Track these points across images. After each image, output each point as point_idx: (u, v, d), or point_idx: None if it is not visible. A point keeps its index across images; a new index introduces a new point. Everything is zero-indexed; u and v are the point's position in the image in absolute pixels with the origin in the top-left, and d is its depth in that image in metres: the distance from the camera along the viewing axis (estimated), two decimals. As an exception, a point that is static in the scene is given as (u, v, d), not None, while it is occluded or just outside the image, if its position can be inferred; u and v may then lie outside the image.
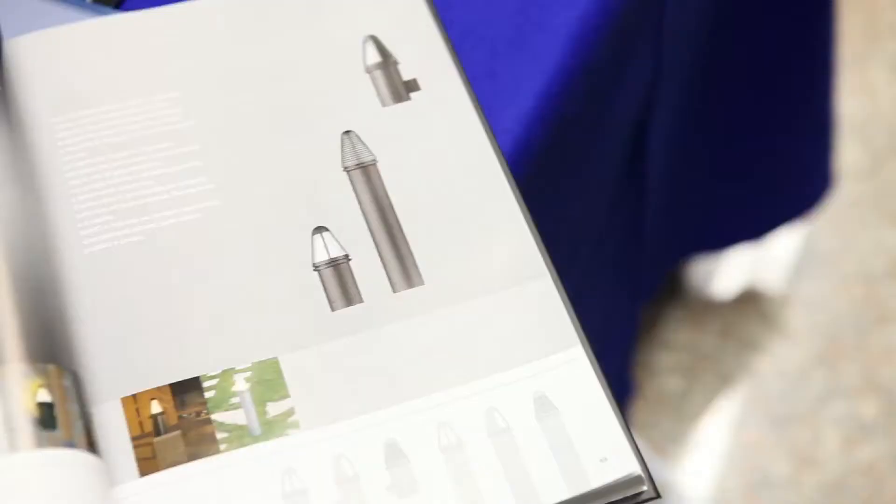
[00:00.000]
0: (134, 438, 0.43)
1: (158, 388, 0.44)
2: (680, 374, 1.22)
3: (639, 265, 0.92)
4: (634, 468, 0.43)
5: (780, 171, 1.05)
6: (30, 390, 0.40)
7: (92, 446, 0.41)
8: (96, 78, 0.51)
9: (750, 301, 1.25)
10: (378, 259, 0.48)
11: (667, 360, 1.23)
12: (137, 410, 0.44)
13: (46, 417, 0.40)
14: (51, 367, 0.41)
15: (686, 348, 1.24)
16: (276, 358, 0.45)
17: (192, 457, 0.43)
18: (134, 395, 0.44)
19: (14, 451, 0.39)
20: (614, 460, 0.43)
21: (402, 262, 0.48)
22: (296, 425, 0.44)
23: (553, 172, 0.57)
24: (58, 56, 0.52)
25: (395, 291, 0.47)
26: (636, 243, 0.86)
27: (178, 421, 0.44)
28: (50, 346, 0.42)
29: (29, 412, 0.40)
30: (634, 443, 0.44)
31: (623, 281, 0.88)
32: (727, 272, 1.21)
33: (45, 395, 0.40)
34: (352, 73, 0.52)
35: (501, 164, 0.50)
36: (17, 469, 0.39)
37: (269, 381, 0.45)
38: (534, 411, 0.44)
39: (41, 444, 0.39)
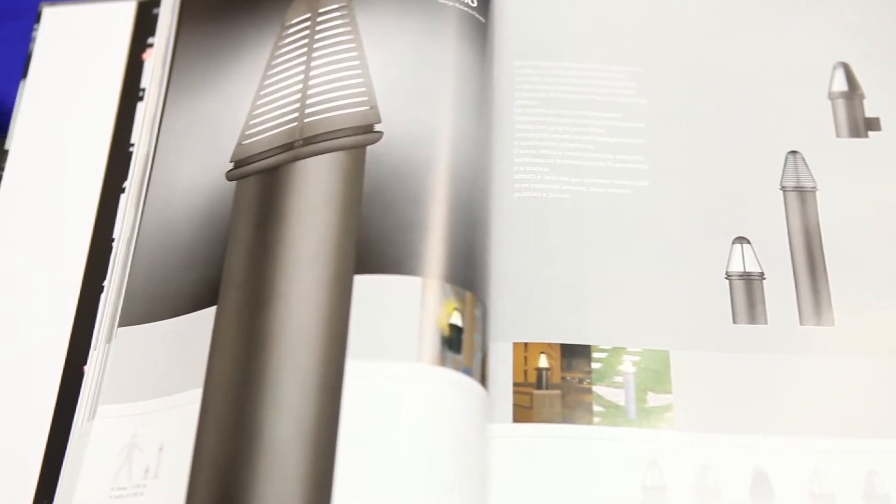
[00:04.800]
0: (516, 384, 0.44)
1: (550, 345, 0.45)
2: None
3: None
4: None
5: None
6: (446, 310, 0.42)
7: (483, 379, 0.42)
8: (567, 33, 0.52)
9: None
10: (793, 287, 0.47)
11: None
12: (525, 359, 0.45)
13: (454, 339, 0.42)
14: (468, 294, 0.43)
15: None
16: (667, 351, 0.45)
17: (566, 419, 0.44)
18: (526, 344, 0.45)
19: (419, 360, 0.41)
20: None
21: (816, 297, 0.46)
22: (670, 422, 0.44)
23: None
24: (537, 3, 0.53)
25: (801, 324, 0.46)
26: None
27: (561, 381, 0.44)
28: (470, 275, 0.43)
29: (441, 329, 0.41)
30: None
31: None
32: None
33: (457, 319, 0.42)
34: (813, 94, 0.51)
35: (943, 229, 0.48)
36: (417, 378, 0.40)
37: (655, 371, 0.45)
38: (917, 490, 0.42)
39: (444, 362, 0.41)
